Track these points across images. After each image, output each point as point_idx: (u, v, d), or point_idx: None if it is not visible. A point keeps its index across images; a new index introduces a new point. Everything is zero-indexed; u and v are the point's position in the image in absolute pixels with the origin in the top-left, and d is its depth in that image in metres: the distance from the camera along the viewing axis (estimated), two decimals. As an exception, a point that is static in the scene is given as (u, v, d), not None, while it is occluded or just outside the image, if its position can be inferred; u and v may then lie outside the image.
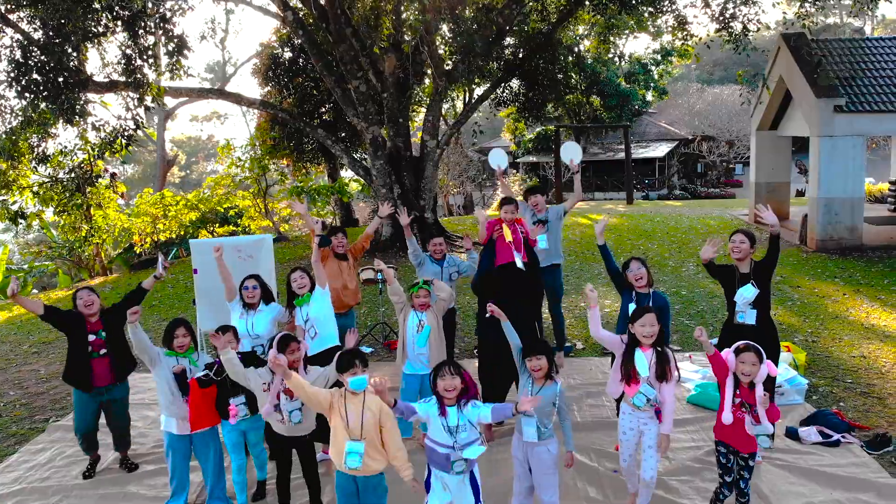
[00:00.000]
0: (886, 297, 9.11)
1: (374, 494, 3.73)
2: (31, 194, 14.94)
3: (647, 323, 4.01)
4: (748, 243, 4.83)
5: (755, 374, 3.82)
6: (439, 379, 3.59)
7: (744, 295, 4.82)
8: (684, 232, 14.69)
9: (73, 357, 5.13)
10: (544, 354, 3.88)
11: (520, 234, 5.41)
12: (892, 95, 12.38)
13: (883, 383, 6.24)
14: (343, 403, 3.67)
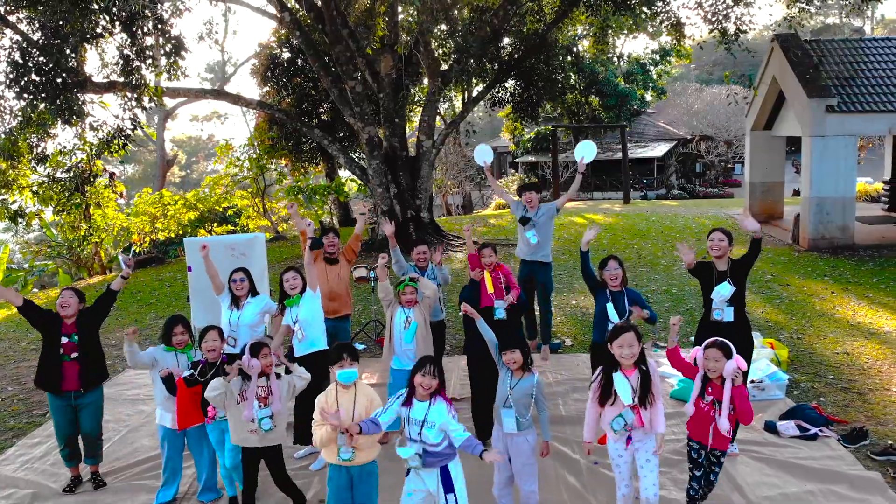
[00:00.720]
0: (874, 295, 9.23)
1: (367, 483, 3.86)
2: (31, 194, 15.10)
3: (626, 343, 3.81)
4: (727, 241, 4.90)
5: (720, 370, 3.78)
6: (419, 374, 3.69)
7: (721, 293, 4.88)
8: (678, 231, 14.80)
9: (45, 358, 5.06)
10: (518, 348, 4.00)
11: (501, 281, 5.38)
12: (883, 96, 12.49)
13: (864, 379, 6.35)
14: (335, 399, 3.77)
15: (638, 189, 31.97)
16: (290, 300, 5.38)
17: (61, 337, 4.99)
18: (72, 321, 5.00)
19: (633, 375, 3.84)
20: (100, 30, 10.24)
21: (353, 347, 3.98)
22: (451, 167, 27.09)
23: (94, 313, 5.13)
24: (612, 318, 5.05)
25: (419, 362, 3.80)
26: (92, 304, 5.16)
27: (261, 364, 4.05)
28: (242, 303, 5.40)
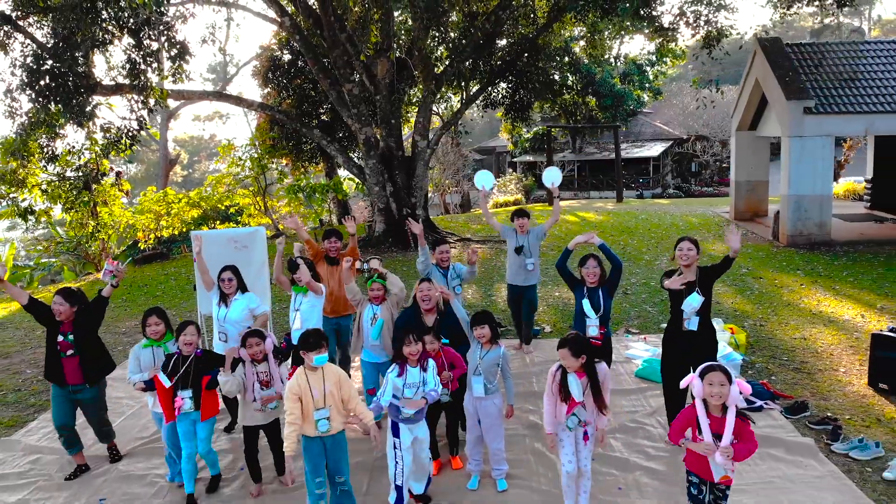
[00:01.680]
0: (841, 287, 9.79)
1: (339, 449, 4.38)
2: (40, 192, 15.72)
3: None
4: (694, 251, 5.06)
5: (725, 395, 3.51)
6: (405, 346, 4.34)
7: (691, 303, 5.03)
8: (665, 229, 15.36)
9: (48, 353, 5.34)
10: (487, 323, 4.57)
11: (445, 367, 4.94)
12: (860, 97, 13.04)
13: (815, 361, 6.92)
14: (307, 381, 4.21)
15: (634, 188, 32.51)
16: (297, 287, 5.68)
17: (58, 335, 5.27)
18: (67, 321, 5.25)
19: (583, 378, 4.06)
20: (109, 37, 10.81)
21: (324, 333, 4.33)
22: (449, 166, 27.63)
23: (89, 316, 5.38)
24: (589, 313, 5.34)
25: (400, 336, 4.41)
26: (86, 307, 5.38)
27: (247, 352, 4.56)
28: (230, 300, 5.66)
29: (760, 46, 14.25)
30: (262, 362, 4.69)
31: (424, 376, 4.42)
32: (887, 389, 6.12)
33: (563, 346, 3.94)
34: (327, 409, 4.23)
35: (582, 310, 5.39)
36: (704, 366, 3.64)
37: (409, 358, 4.37)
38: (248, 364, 4.67)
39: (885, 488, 4.63)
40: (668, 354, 5.30)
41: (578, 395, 4.04)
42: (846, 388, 6.25)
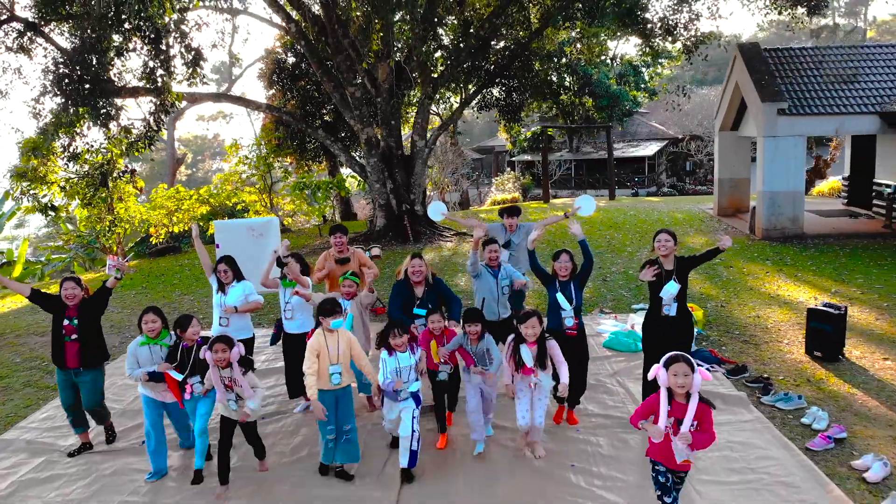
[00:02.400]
0: (802, 274, 10.77)
1: (347, 400, 5.22)
2: (58, 189, 16.70)
3: (531, 325, 4.92)
4: (672, 241, 5.50)
5: (689, 385, 3.74)
6: (390, 338, 5.05)
7: (669, 291, 5.45)
8: (651, 224, 16.32)
9: (53, 338, 5.77)
10: (480, 322, 5.24)
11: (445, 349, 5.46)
12: (830, 99, 13.99)
13: (763, 335, 7.91)
14: (325, 341, 5.08)
15: (630, 187, 33.47)
16: (286, 282, 6.22)
17: (63, 320, 5.68)
18: (74, 307, 5.72)
19: (534, 347, 4.96)
20: (131, 45, 11.81)
21: (339, 302, 5.24)
22: (448, 165, 28.61)
23: (94, 304, 5.85)
24: (564, 305, 5.64)
25: (386, 330, 5.10)
26: (91, 296, 5.88)
27: (213, 357, 4.86)
28: (228, 288, 6.19)
29: (740, 51, 15.22)
30: (226, 368, 4.93)
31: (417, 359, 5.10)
32: (820, 356, 7.11)
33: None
34: (339, 366, 5.06)
35: (556, 303, 5.66)
36: (669, 356, 3.84)
37: (398, 349, 5.04)
38: (213, 367, 4.94)
39: (801, 430, 5.62)
40: (649, 338, 5.70)
41: (529, 362, 4.94)
42: (785, 356, 7.24)
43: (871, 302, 9.11)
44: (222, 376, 4.96)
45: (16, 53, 14.27)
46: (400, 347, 5.04)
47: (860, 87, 14.16)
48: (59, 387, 5.88)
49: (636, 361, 7.23)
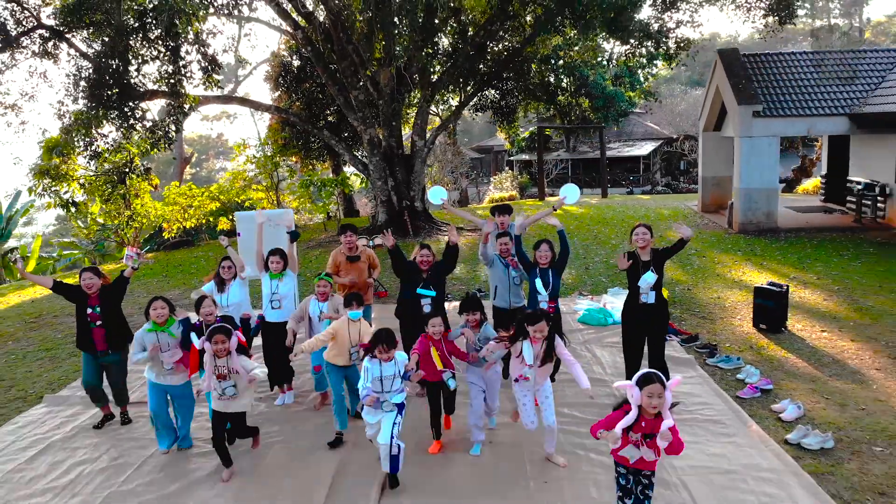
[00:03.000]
0: (768, 263, 11.88)
1: (356, 373, 5.70)
2: (78, 186, 17.85)
3: (540, 329, 4.91)
4: (649, 234, 5.98)
5: (661, 406, 3.76)
6: (378, 353, 5.00)
7: (647, 280, 5.89)
8: (637, 219, 17.42)
9: (79, 325, 6.25)
10: (479, 310, 5.52)
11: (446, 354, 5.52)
12: (802, 102, 15.10)
13: (720, 312, 9.04)
14: (347, 328, 5.71)
15: (625, 185, 34.58)
16: (273, 274, 6.63)
17: (87, 308, 6.18)
18: (94, 295, 6.21)
19: (537, 345, 4.96)
20: (155, 52, 12.96)
21: (360, 297, 5.77)
22: (447, 164, 29.74)
23: (113, 291, 6.34)
24: (540, 290, 6.21)
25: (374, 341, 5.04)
26: (111, 284, 6.34)
27: (212, 348, 4.99)
28: (228, 285, 6.72)
29: (720, 56, 16.34)
30: (224, 357, 5.07)
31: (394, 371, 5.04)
32: (765, 328, 8.23)
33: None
34: (357, 348, 5.71)
35: (534, 287, 6.22)
36: (644, 375, 3.82)
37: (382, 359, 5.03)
38: (210, 357, 5.05)
39: (735, 384, 6.74)
40: (628, 324, 6.17)
41: (530, 359, 4.96)
42: (735, 329, 8.37)
43: (824, 286, 10.23)
44: (219, 366, 5.07)
45: (41, 58, 15.47)
46: (385, 360, 5.04)
47: (830, 90, 15.27)
48: (83, 368, 6.42)
49: (604, 332, 8.38)
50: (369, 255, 7.46)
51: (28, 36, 15.05)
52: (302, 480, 5.29)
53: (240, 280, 6.79)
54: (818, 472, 5.05)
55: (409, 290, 6.51)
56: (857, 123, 14.82)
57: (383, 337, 5.02)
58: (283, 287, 6.64)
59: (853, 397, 6.31)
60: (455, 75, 16.57)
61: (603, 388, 6.70)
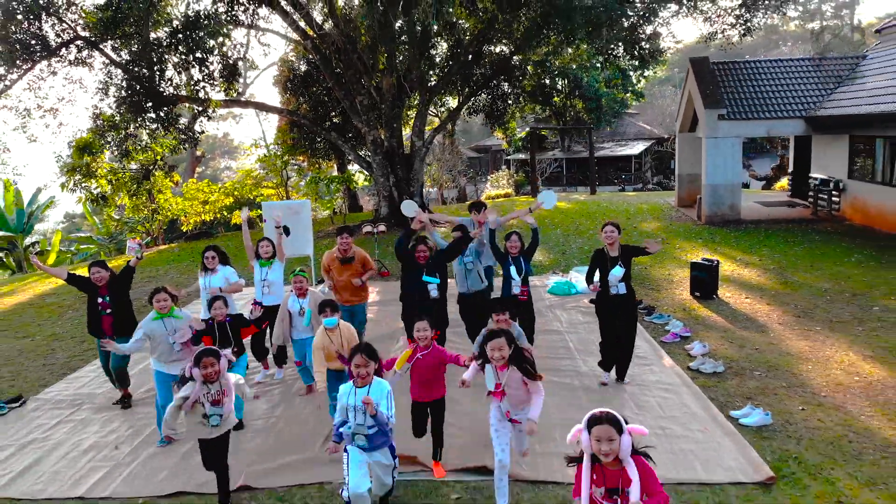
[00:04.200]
0: (721, 248, 13.79)
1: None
2: (105, 182, 19.82)
3: (496, 347, 4.39)
4: (616, 232, 6.63)
5: (616, 451, 3.18)
6: (354, 364, 4.45)
7: (615, 274, 6.59)
8: (617, 213, 19.36)
9: (89, 313, 6.97)
10: (508, 310, 5.53)
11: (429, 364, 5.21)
12: (763, 106, 17.00)
13: (667, 285, 10.96)
14: (329, 339, 5.76)
15: (617, 183, 36.48)
16: (263, 261, 7.45)
17: (98, 297, 6.87)
18: (104, 286, 6.91)
19: (503, 371, 4.46)
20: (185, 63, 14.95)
21: (335, 303, 5.80)
22: (445, 163, 31.67)
23: (121, 281, 7.04)
24: (514, 276, 7.06)
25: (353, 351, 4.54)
26: (117, 275, 7.02)
27: (201, 373, 4.67)
28: (213, 272, 7.41)
29: (691, 64, 18.25)
30: (214, 382, 4.78)
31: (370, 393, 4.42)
32: (699, 296, 10.15)
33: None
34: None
35: (509, 274, 7.06)
36: (592, 417, 3.26)
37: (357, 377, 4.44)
38: (199, 384, 4.70)
39: (663, 332, 8.64)
40: (601, 313, 6.93)
41: (491, 384, 4.55)
42: (676, 297, 10.30)
43: (762, 265, 12.15)
44: (212, 392, 4.77)
45: (77, 66, 17.44)
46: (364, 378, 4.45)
47: (788, 95, 17.17)
48: (98, 352, 7.36)
49: (566, 300, 10.35)
50: (363, 257, 7.80)
51: (66, 47, 17.04)
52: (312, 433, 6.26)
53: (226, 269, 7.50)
54: (706, 385, 6.97)
55: (413, 277, 7.13)
56: (813, 125, 16.72)
57: (363, 347, 4.51)
58: (272, 274, 7.49)
59: (751, 341, 8.24)
60: (451, 81, 18.51)
61: (558, 337, 8.62)
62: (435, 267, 7.18)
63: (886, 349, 7.74)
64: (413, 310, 6.94)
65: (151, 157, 19.05)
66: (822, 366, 7.38)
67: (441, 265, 7.27)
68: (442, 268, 7.27)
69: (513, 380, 4.51)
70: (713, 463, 5.39)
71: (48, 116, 17.60)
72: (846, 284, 10.61)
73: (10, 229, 25.71)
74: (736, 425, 6.02)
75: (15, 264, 25.56)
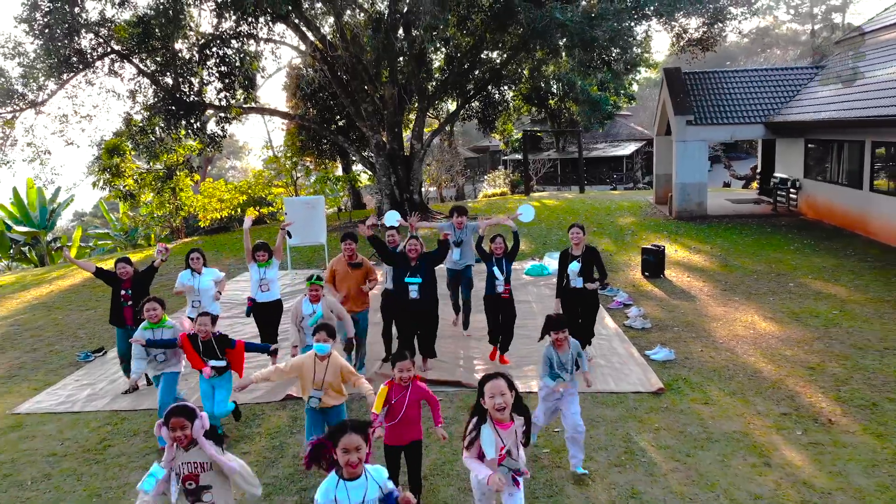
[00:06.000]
0: (681, 238, 16.09)
1: (336, 415, 5.42)
2: (132, 181, 22.18)
3: (497, 392, 3.60)
4: (581, 234, 7.66)
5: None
6: (340, 451, 3.23)
7: (573, 269, 7.70)
8: (600, 210, 21.66)
9: (113, 305, 7.70)
10: (567, 328, 5.43)
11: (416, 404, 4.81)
12: (727, 112, 19.28)
13: (623, 266, 13.28)
14: (313, 365, 5.30)
15: (608, 183, 38.77)
16: (261, 263, 7.97)
17: (121, 290, 7.62)
18: (128, 280, 7.69)
19: (508, 430, 3.72)
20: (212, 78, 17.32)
21: (332, 327, 5.38)
22: (444, 163, 34.01)
23: (143, 277, 7.81)
24: (498, 276, 7.90)
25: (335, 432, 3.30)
26: (142, 272, 7.79)
27: (171, 435, 3.67)
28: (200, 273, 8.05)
29: (664, 73, 20.55)
30: (189, 449, 3.73)
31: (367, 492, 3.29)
32: (648, 276, 12.46)
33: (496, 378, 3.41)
34: (321, 391, 5.32)
35: (493, 273, 7.89)
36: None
37: (347, 467, 3.24)
38: (174, 449, 3.73)
39: (611, 301, 10.93)
40: (563, 302, 7.97)
41: (490, 451, 3.74)
42: (629, 276, 12.62)
43: (710, 252, 14.44)
44: (185, 463, 3.71)
45: (110, 76, 19.80)
46: (356, 467, 3.26)
47: (750, 102, 19.46)
48: (117, 341, 7.95)
49: (539, 280, 12.67)
50: (368, 266, 8.09)
51: (101, 59, 19.40)
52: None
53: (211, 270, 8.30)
54: (634, 336, 9.29)
55: (399, 278, 7.65)
56: (772, 130, 19.01)
57: (350, 426, 3.28)
58: (269, 273, 8.10)
59: (680, 308, 10.55)
60: (447, 90, 20.86)
61: (527, 305, 10.93)
62: (420, 268, 7.58)
63: (784, 313, 10.04)
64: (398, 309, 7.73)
65: (175, 158, 21.40)
66: (728, 324, 9.69)
67: (428, 268, 7.67)
68: (428, 270, 7.66)
69: (516, 435, 3.84)
70: (622, 381, 7.70)
71: (84, 122, 19.89)
72: (776, 267, 12.90)
73: (33, 225, 28.14)
74: (647, 360, 8.32)
75: (38, 258, 27.97)
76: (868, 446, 6.02)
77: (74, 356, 9.84)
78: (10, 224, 27.04)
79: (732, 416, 6.74)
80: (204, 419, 3.79)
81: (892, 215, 14.17)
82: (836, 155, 17.11)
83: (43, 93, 19.04)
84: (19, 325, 12.11)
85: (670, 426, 6.56)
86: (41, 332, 11.46)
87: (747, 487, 5.44)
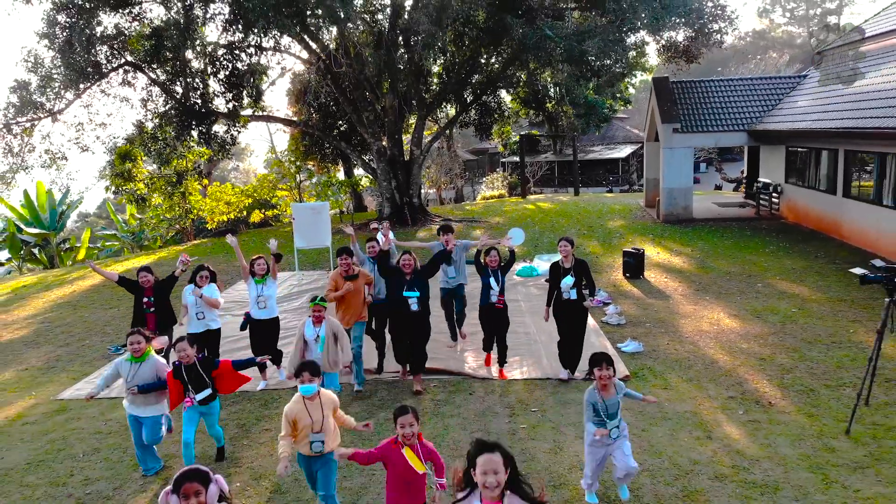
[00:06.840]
0: (664, 241, 17.20)
1: (327, 469, 5.19)
2: (143, 185, 23.33)
3: (490, 469, 3.12)
4: (570, 246, 7.91)
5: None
6: None
7: (566, 283, 7.91)
8: (592, 213, 22.79)
9: (136, 310, 8.15)
10: (612, 364, 5.21)
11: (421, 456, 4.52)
12: (712, 120, 20.39)
13: (607, 268, 14.40)
14: (305, 409, 4.98)
15: (605, 185, 39.88)
16: (258, 279, 8.20)
17: (143, 297, 8.09)
18: (149, 288, 8.19)
19: None
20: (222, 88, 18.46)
21: (315, 365, 5.09)
22: (444, 166, 35.14)
23: (163, 285, 8.30)
24: (493, 286, 8.20)
25: None
26: (162, 280, 8.29)
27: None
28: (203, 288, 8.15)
29: (653, 83, 21.66)
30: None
31: None
32: (629, 276, 13.58)
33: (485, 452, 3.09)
34: (322, 434, 5.01)
35: (489, 284, 8.17)
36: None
37: None
38: None
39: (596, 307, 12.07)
40: (557, 315, 8.23)
41: None
42: (611, 276, 13.74)
43: (690, 254, 15.56)
44: None
45: (124, 86, 20.94)
46: None
47: (734, 111, 20.57)
48: None
49: (528, 280, 13.77)
50: (365, 274, 8.35)
51: (115, 71, 20.53)
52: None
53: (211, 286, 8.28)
54: (609, 331, 10.41)
55: (396, 291, 7.88)
56: (754, 137, 20.12)
57: None
58: (266, 290, 8.24)
59: (654, 306, 11.67)
60: (446, 96, 22.00)
61: (516, 304, 12.04)
62: (415, 282, 7.89)
63: (748, 311, 11.15)
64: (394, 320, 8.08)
65: (184, 164, 22.54)
66: (696, 320, 10.81)
67: (423, 281, 7.95)
68: (423, 283, 7.94)
69: None
70: (594, 369, 8.80)
71: (98, 129, 21.03)
72: (749, 269, 14.02)
73: (43, 227, 29.27)
74: (618, 352, 9.44)
75: (48, 259, 29.10)
76: (798, 424, 7.13)
77: (106, 349, 10.98)
78: (21, 226, 28.15)
79: (686, 399, 7.86)
80: (220, 482, 3.36)
81: (862, 220, 15.27)
82: (814, 161, 18.22)
83: (60, 102, 20.17)
84: (49, 322, 13.25)
85: (631, 407, 7.68)
86: (71, 329, 12.60)
87: (689, 455, 6.56)
